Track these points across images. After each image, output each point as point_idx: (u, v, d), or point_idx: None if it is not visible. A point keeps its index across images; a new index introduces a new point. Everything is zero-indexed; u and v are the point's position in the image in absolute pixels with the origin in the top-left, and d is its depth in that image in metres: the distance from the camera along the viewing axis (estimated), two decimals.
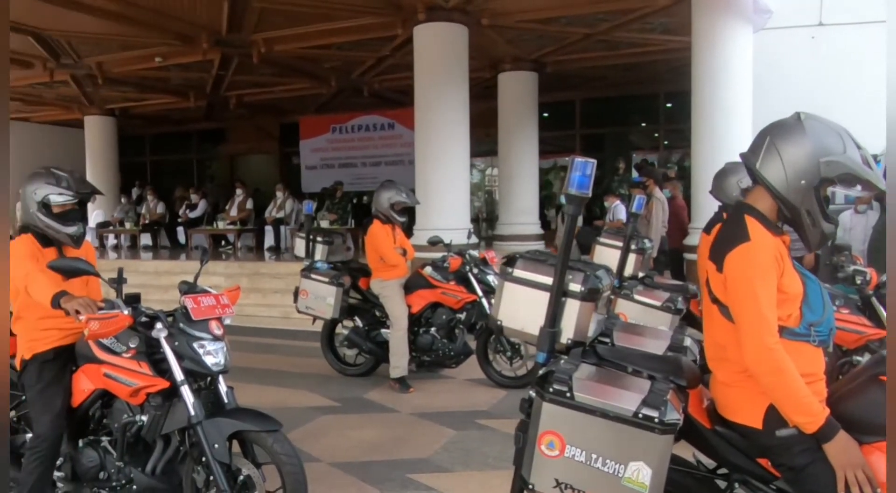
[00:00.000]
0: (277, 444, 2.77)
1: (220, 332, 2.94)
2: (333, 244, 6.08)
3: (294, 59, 11.36)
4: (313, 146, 16.72)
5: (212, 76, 12.45)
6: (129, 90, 13.80)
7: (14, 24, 9.31)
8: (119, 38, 10.03)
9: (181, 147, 19.16)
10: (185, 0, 8.45)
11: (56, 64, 11.36)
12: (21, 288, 2.90)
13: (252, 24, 9.41)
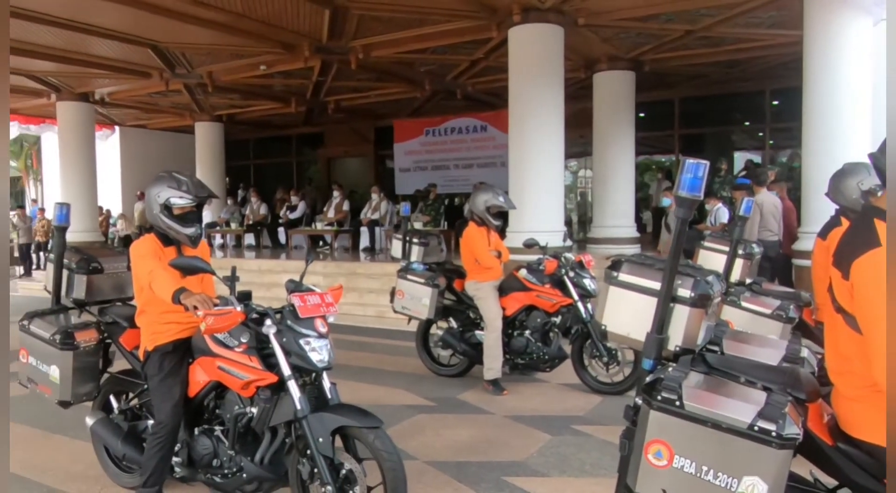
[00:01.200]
0: (378, 440, 2.84)
1: (324, 330, 3.04)
2: (429, 246, 6.15)
3: (390, 64, 11.60)
4: (407, 149, 17.00)
5: (312, 82, 12.90)
6: (235, 97, 14.53)
7: (135, 38, 10.02)
8: (228, 48, 10.57)
9: (282, 151, 19.96)
10: (290, 10, 8.78)
11: (171, 74, 12.11)
12: (145, 284, 3.10)
13: (351, 31, 9.68)
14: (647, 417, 1.91)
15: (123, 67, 11.86)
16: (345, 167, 19.72)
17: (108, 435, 3.47)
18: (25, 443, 4.42)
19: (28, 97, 14.34)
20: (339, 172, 19.42)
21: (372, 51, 10.34)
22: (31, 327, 3.47)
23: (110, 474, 3.65)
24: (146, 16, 8.65)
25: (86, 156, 14.12)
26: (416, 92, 13.52)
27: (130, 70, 12.03)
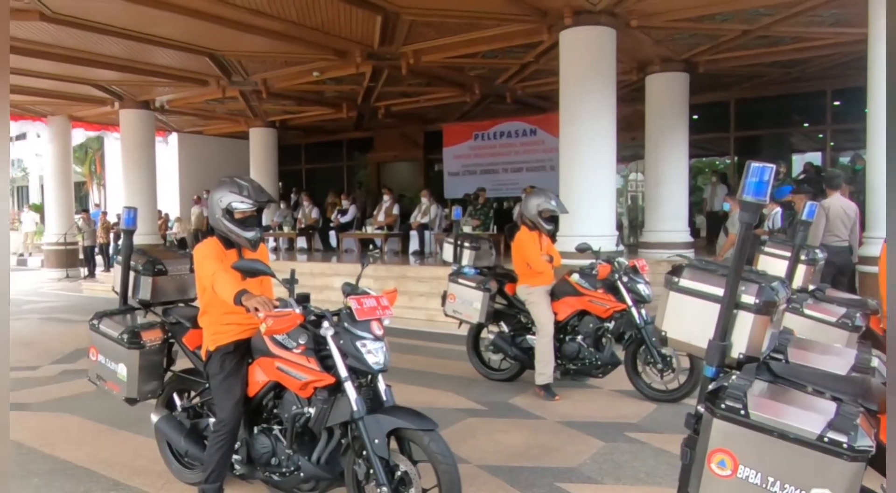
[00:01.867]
0: (433, 443, 2.86)
1: (380, 332, 3.08)
2: (480, 250, 6.15)
3: (440, 69, 11.67)
4: (456, 153, 17.05)
5: (363, 88, 13.07)
6: (288, 103, 14.84)
7: (195, 47, 10.34)
8: (283, 55, 10.81)
9: (333, 155, 20.28)
10: (343, 17, 8.92)
11: (228, 81, 12.44)
12: (208, 286, 3.20)
13: (402, 37, 9.78)
14: (711, 425, 1.88)
15: (183, 76, 12.24)
16: (394, 171, 19.91)
17: (171, 432, 3.58)
18: (92, 437, 4.60)
19: (93, 105, 14.96)
20: (389, 176, 19.61)
21: (422, 56, 10.42)
22: (100, 327, 3.61)
23: (173, 469, 3.77)
24: (205, 25, 8.92)
25: (146, 161, 14.62)
26: (466, 96, 13.56)
27: (189, 78, 12.41)
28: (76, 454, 4.24)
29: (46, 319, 10.03)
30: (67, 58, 10.61)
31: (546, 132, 15.31)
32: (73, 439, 4.56)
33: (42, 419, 5.01)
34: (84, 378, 6.08)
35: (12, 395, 5.66)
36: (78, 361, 6.98)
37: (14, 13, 8.40)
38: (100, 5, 8.23)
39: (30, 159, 33.36)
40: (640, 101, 11.62)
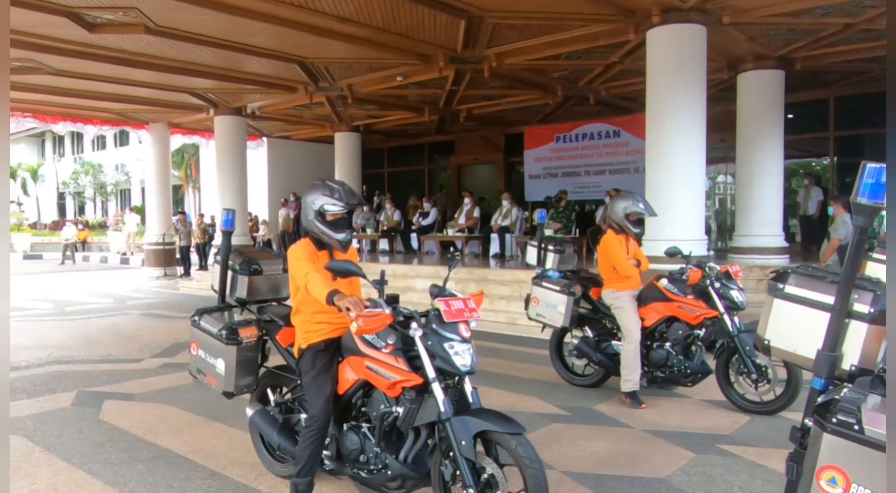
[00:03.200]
0: (521, 447, 2.84)
1: (468, 334, 3.09)
2: (565, 253, 6.08)
3: (523, 71, 11.62)
4: (537, 156, 16.93)
5: (445, 92, 13.18)
6: (372, 108, 15.15)
7: (284, 55, 10.71)
8: (368, 61, 11.04)
9: (414, 159, 20.53)
10: (427, 22, 9.02)
11: (315, 88, 12.83)
12: (301, 285, 3.30)
13: (485, 40, 9.79)
14: (820, 440, 1.78)
15: (273, 83, 12.70)
16: (475, 174, 19.96)
17: (265, 426, 3.72)
18: (190, 428, 4.82)
19: (190, 112, 15.74)
20: (470, 179, 19.68)
21: (505, 59, 10.40)
22: (200, 323, 3.78)
23: (265, 462, 3.91)
24: (295, 34, 9.22)
25: (238, 165, 15.27)
26: (548, 98, 13.45)
27: (279, 85, 12.86)
28: (176, 443, 4.47)
29: (147, 315, 10.62)
30: (168, 68, 11.21)
31: (630, 134, 14.98)
32: (173, 428, 4.80)
33: (144, 409, 5.30)
34: (182, 371, 6.44)
35: (119, 386, 6.04)
36: (176, 355, 7.36)
37: (121, 27, 8.96)
38: (198, 17, 8.65)
39: (132, 164, 35.47)
40: (731, 100, 11.19)
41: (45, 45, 9.73)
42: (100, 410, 5.29)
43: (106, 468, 4.01)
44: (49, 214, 42.85)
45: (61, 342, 8.17)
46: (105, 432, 4.73)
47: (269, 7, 8.19)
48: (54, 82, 12.24)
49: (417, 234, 15.39)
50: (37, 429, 4.79)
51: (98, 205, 40.71)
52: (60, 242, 25.39)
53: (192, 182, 31.68)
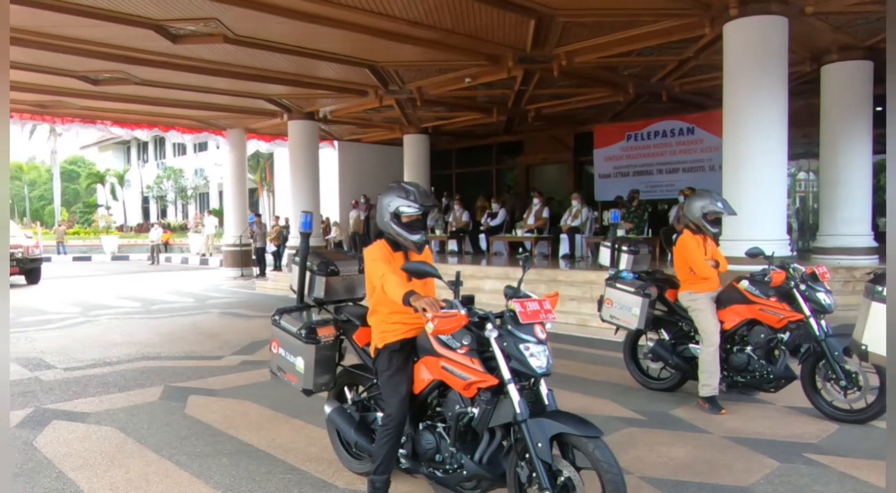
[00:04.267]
0: (598, 450, 2.81)
1: (543, 336, 3.08)
2: (639, 254, 5.95)
3: (593, 69, 11.46)
4: (607, 155, 16.65)
5: (513, 92, 13.13)
6: (441, 110, 15.25)
7: (356, 59, 10.91)
8: (437, 63, 11.13)
9: (482, 159, 20.53)
10: (496, 23, 9.02)
11: (385, 91, 13.02)
12: (378, 286, 3.35)
13: (555, 39, 9.71)
14: None
15: (344, 87, 12.97)
16: (544, 174, 19.80)
17: (342, 424, 3.80)
18: (269, 423, 4.98)
19: (265, 118, 16.26)
20: (538, 179, 19.54)
21: (575, 57, 10.28)
22: (281, 322, 3.90)
23: (342, 459, 3.99)
24: (366, 38, 9.39)
25: (311, 168, 15.66)
26: (619, 96, 13.20)
27: (350, 89, 13.12)
28: (256, 438, 4.62)
29: (225, 313, 11.02)
30: (245, 75, 11.62)
31: (705, 131, 14.55)
32: (254, 423, 4.97)
33: (226, 404, 5.50)
34: (260, 368, 6.66)
35: (202, 381, 6.29)
36: (255, 352, 7.62)
37: (202, 37, 9.34)
38: (273, 26, 8.92)
39: (210, 169, 36.91)
40: (815, 94, 10.70)
41: (132, 56, 10.25)
42: (185, 404, 5.52)
43: (192, 460, 4.19)
44: (134, 217, 45.07)
45: (148, 339, 8.58)
46: (190, 425, 4.94)
47: (341, 13, 8.37)
48: (141, 92, 12.87)
49: (486, 235, 15.39)
50: (128, 421, 5.04)
51: (179, 208, 42.54)
52: (148, 243, 26.66)
53: (266, 185, 32.70)
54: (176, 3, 8.00)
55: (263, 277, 16.88)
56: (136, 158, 46.27)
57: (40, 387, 6.12)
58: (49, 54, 9.92)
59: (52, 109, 14.54)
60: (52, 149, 45.60)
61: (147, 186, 44.17)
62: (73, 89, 12.50)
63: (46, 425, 4.97)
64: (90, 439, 4.65)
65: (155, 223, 32.22)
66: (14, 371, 6.76)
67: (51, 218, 44.39)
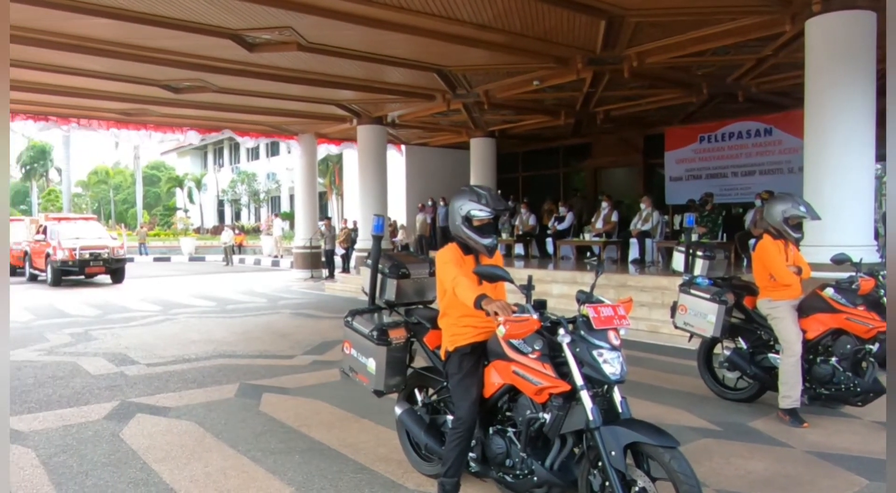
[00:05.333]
0: (675, 461, 2.74)
1: (617, 342, 3.03)
2: (715, 259, 5.76)
3: (664, 70, 11.20)
4: (678, 157, 16.23)
5: (582, 94, 12.97)
6: (508, 113, 15.22)
7: (424, 64, 11.02)
8: (505, 66, 11.11)
9: (549, 162, 20.36)
10: (565, 25, 8.93)
11: (452, 95, 13.09)
12: (449, 289, 3.37)
13: (625, 39, 9.53)
14: None
15: (412, 92, 13.12)
16: (612, 177, 19.48)
17: (412, 425, 3.83)
18: (340, 422, 5.07)
19: (335, 123, 16.61)
20: (607, 182, 19.23)
21: (646, 58, 10.06)
22: (353, 324, 3.97)
23: (412, 460, 4.03)
24: (434, 43, 9.47)
25: (379, 172, 15.89)
26: (692, 97, 12.84)
27: (418, 93, 13.26)
28: (327, 437, 4.71)
29: (296, 314, 11.29)
30: (316, 81, 11.90)
31: (784, 132, 14.00)
32: (325, 422, 5.07)
33: (298, 403, 5.64)
34: (330, 368, 6.80)
35: (275, 380, 6.47)
36: (325, 353, 7.77)
37: (277, 46, 9.62)
38: (344, 33, 9.11)
39: (282, 173, 37.98)
40: None
41: (211, 65, 10.66)
42: (259, 401, 5.69)
43: (267, 457, 4.31)
44: (210, 220, 46.82)
45: (224, 338, 8.89)
46: (265, 422, 5.08)
47: (410, 19, 8.46)
48: (218, 99, 13.38)
49: (553, 238, 15.24)
50: (206, 416, 5.23)
51: (252, 211, 43.93)
52: (221, 245, 27.65)
53: (335, 189, 33.38)
54: (253, 12, 8.27)
55: (332, 278, 17.22)
56: (212, 162, 48.08)
57: (125, 382, 6.43)
58: (135, 64, 10.43)
59: (136, 116, 15.27)
60: (135, 154, 47.89)
61: (222, 189, 45.82)
62: (155, 98, 13.10)
63: (131, 418, 5.21)
64: (171, 432, 4.85)
65: (228, 226, 33.36)
66: (101, 366, 7.12)
67: (133, 220, 46.61)
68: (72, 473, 4.05)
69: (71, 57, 10.01)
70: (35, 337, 8.99)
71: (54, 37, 9.14)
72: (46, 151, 50.22)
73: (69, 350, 8.06)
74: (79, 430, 4.91)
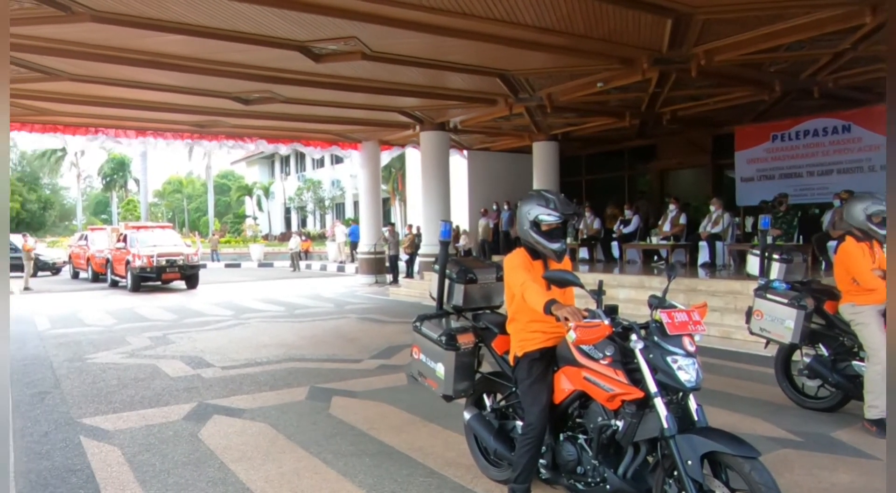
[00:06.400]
0: (756, 472, 2.65)
1: (692, 348, 2.96)
2: (792, 262, 5.54)
3: (734, 68, 10.85)
4: (750, 157, 15.69)
5: (647, 94, 12.71)
6: (571, 116, 15.07)
7: (486, 69, 11.04)
8: (568, 69, 11.01)
9: (614, 165, 20.03)
10: (630, 25, 8.78)
11: (515, 99, 13.05)
12: (518, 294, 3.36)
13: (693, 38, 9.30)
14: None
15: (474, 97, 13.15)
16: (679, 179, 19.00)
17: (481, 430, 3.83)
18: (408, 426, 5.12)
19: (398, 130, 16.83)
20: (673, 184, 18.78)
21: (715, 55, 9.77)
22: (422, 328, 4.00)
23: (480, 465, 4.02)
24: (496, 47, 9.46)
25: (441, 178, 15.98)
26: (763, 95, 12.41)
27: (480, 99, 13.28)
28: (396, 440, 4.76)
29: (362, 319, 11.47)
30: (379, 89, 12.08)
31: (864, 128, 13.36)
32: (393, 426, 5.12)
33: (367, 406, 5.72)
34: (397, 372, 6.88)
35: (344, 383, 6.58)
36: (392, 357, 7.87)
37: (342, 55, 9.82)
38: (407, 41, 9.22)
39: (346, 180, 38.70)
40: None
41: (279, 76, 10.97)
42: (329, 404, 5.80)
43: (338, 459, 4.39)
44: (277, 227, 48.11)
45: (293, 342, 9.11)
46: (335, 425, 5.18)
47: (472, 24, 8.49)
48: (285, 109, 13.76)
49: (618, 242, 14.98)
50: (279, 418, 5.37)
51: (318, 218, 44.90)
52: (288, 251, 28.37)
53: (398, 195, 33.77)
54: (319, 24, 8.47)
55: (396, 284, 17.40)
56: (279, 171, 49.43)
57: (202, 384, 6.67)
58: (207, 78, 10.84)
59: (208, 128, 15.86)
60: (206, 164, 49.71)
61: (289, 197, 47.01)
62: (226, 109, 13.58)
63: (208, 419, 5.40)
64: (246, 433, 5.00)
65: (294, 232, 34.20)
66: (179, 368, 7.41)
67: (205, 228, 48.34)
68: (155, 471, 4.23)
69: (147, 72, 10.49)
70: (118, 341, 9.43)
71: (132, 54, 9.60)
72: (125, 163, 52.70)
73: (149, 353, 8.42)
74: (160, 430, 5.12)
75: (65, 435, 5.03)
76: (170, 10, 7.90)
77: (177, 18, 8.20)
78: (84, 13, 7.81)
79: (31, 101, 12.35)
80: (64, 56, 9.43)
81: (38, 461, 4.43)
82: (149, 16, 8.08)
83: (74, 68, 10.32)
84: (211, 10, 7.89)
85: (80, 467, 4.32)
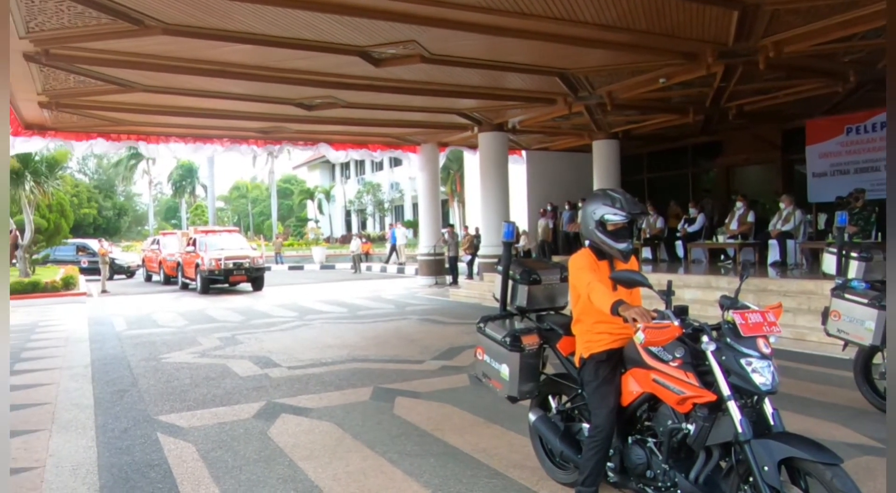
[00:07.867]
0: (838, 479, 2.54)
1: (768, 350, 2.86)
2: (872, 260, 5.28)
3: (805, 59, 10.45)
4: (822, 151, 15.04)
5: (712, 89, 12.35)
6: (632, 113, 14.80)
7: (545, 68, 10.97)
8: (629, 65, 10.82)
9: (676, 163, 19.54)
10: (694, 18, 8.57)
11: (574, 98, 12.90)
12: (584, 295, 3.32)
13: (761, 29, 9.00)
14: None
15: (533, 97, 13.07)
16: (746, 176, 18.40)
17: (547, 432, 3.80)
18: (471, 427, 5.12)
19: (456, 131, 16.88)
20: (740, 180, 18.19)
21: (785, 47, 9.43)
22: (486, 330, 4.00)
23: (546, 468, 3.99)
24: (555, 47, 9.39)
25: (500, 179, 15.95)
26: (837, 86, 11.89)
27: (538, 98, 13.20)
28: (460, 441, 4.77)
29: (423, 320, 11.55)
30: (438, 91, 12.16)
31: None
32: (457, 427, 5.14)
33: (430, 407, 5.75)
34: (460, 373, 6.90)
35: (407, 384, 6.65)
36: (453, 358, 7.90)
37: (402, 59, 9.92)
38: (466, 42, 9.25)
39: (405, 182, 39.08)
40: None
41: (340, 82, 11.18)
42: (393, 404, 5.86)
43: (403, 459, 4.43)
44: (338, 229, 48.97)
45: (357, 343, 9.25)
46: (399, 425, 5.23)
47: (531, 24, 8.45)
48: (346, 114, 14.00)
49: (683, 241, 14.61)
50: (345, 418, 5.46)
51: (377, 220, 45.49)
52: (349, 253, 28.84)
53: (456, 196, 33.88)
54: (379, 29, 8.59)
55: (456, 285, 17.45)
56: (339, 174, 50.32)
57: (270, 383, 6.84)
58: (271, 85, 11.15)
59: (273, 133, 16.28)
60: (269, 169, 51.04)
61: (349, 200, 47.82)
62: (290, 116, 13.91)
63: (277, 417, 5.54)
64: (313, 432, 5.10)
65: (355, 235, 34.74)
66: (248, 368, 7.63)
67: (269, 231, 49.63)
68: (227, 467, 4.37)
69: (215, 82, 10.86)
70: (189, 341, 9.78)
71: (201, 64, 9.95)
72: (193, 170, 54.68)
73: (219, 353, 8.70)
74: (231, 427, 5.28)
75: (143, 431, 5.25)
76: (236, 21, 8.16)
77: (242, 28, 8.46)
78: (156, 27, 8.15)
79: (107, 112, 12.95)
80: (138, 68, 9.86)
81: (120, 456, 4.64)
82: (216, 27, 8.37)
83: (147, 79, 10.78)
84: (274, 20, 8.12)
85: (157, 462, 4.51)
